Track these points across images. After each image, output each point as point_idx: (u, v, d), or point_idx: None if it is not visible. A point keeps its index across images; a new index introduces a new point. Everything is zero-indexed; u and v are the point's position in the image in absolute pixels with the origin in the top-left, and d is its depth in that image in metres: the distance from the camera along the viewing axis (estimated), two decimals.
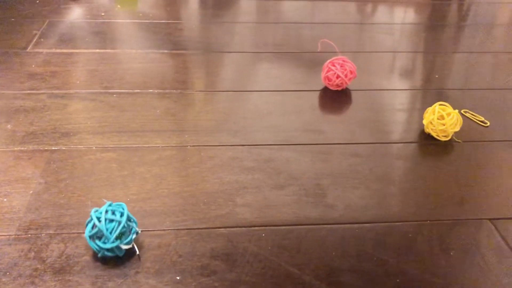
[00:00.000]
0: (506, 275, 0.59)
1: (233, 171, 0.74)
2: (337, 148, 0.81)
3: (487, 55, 1.19)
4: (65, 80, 0.95)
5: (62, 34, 1.15)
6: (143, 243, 0.60)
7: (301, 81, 1.01)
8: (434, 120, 0.81)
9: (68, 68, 1.00)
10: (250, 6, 1.43)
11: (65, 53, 1.06)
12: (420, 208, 0.69)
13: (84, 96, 0.90)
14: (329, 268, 0.59)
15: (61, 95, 0.90)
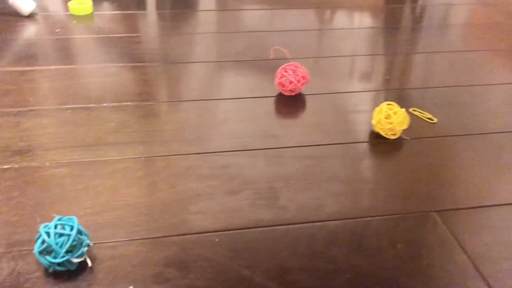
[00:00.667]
0: (451, 265, 0.62)
1: (188, 179, 0.75)
2: (290, 151, 0.83)
3: (440, 54, 1.24)
4: (18, 98, 0.94)
5: (16, 52, 1.14)
6: (96, 256, 0.61)
7: (257, 88, 1.03)
8: (381, 120, 0.84)
9: (22, 86, 0.99)
10: (210, 17, 1.45)
11: (19, 71, 1.05)
12: (369, 205, 0.71)
13: (38, 113, 0.90)
14: (281, 268, 0.60)
15: (14, 113, 0.90)
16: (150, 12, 1.46)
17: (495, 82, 1.10)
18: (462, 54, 1.25)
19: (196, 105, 0.95)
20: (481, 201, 0.73)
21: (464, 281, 0.60)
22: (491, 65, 1.19)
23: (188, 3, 1.55)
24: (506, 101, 1.02)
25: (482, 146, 0.86)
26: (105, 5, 1.48)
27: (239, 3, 1.57)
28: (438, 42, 1.33)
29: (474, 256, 0.63)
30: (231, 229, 0.66)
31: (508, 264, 0.62)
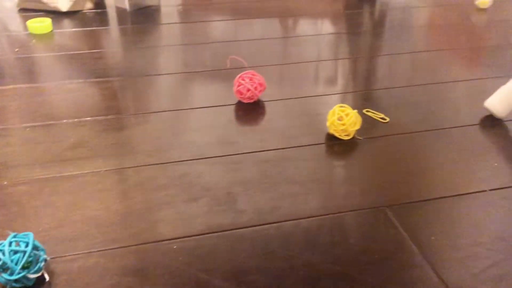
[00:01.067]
0: (401, 256, 0.65)
1: (147, 190, 0.76)
2: (248, 157, 0.85)
3: (400, 56, 1.28)
4: None
5: None
6: (54, 270, 0.61)
7: (218, 97, 1.05)
8: (334, 122, 0.87)
9: None
10: (173, 30, 1.47)
11: None
12: (323, 204, 0.74)
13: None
14: (238, 269, 0.62)
15: None
16: (112, 28, 1.47)
17: (452, 80, 1.15)
18: (421, 55, 1.30)
19: (156, 117, 0.97)
20: (430, 194, 0.76)
21: (413, 270, 0.62)
22: (449, 64, 1.24)
23: (150, 17, 1.57)
24: (461, 97, 1.07)
25: (433, 141, 0.90)
26: (66, 22, 1.49)
27: (203, 15, 1.60)
28: (398, 44, 1.38)
29: (423, 247, 0.66)
30: (189, 235, 0.67)
31: (454, 253, 0.65)
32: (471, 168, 0.83)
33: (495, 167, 0.83)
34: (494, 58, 1.29)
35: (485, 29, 1.52)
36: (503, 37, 1.44)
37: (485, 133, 0.93)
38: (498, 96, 0.96)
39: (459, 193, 0.77)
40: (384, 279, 0.61)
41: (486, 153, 0.87)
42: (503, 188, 0.78)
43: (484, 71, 1.20)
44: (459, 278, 0.61)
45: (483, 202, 0.75)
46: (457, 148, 0.88)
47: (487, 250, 0.66)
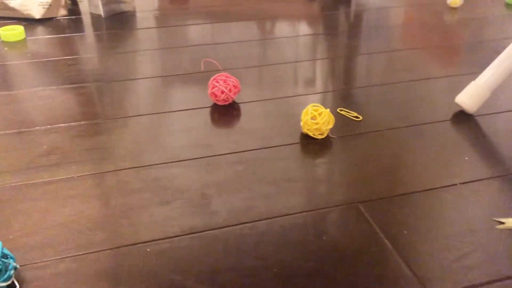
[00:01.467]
0: (374, 251, 0.65)
1: (120, 194, 0.76)
2: (222, 159, 0.85)
3: (376, 55, 1.30)
4: None
5: None
6: (25, 277, 0.61)
7: (193, 100, 1.05)
8: (308, 121, 0.88)
9: None
10: (149, 34, 1.46)
11: None
12: (297, 202, 0.74)
13: None
14: (211, 270, 0.62)
15: None
16: (87, 34, 1.47)
17: (426, 77, 1.17)
18: (396, 53, 1.32)
19: (131, 122, 0.97)
20: (402, 190, 0.77)
21: (386, 264, 0.63)
22: (423, 62, 1.26)
23: (126, 23, 1.56)
24: (434, 94, 1.08)
25: (405, 138, 0.92)
26: (39, 30, 1.48)
27: (179, 20, 1.60)
28: (374, 43, 1.39)
29: (395, 241, 0.67)
30: (163, 238, 0.67)
31: (425, 246, 0.66)
32: (442, 162, 0.84)
33: (466, 161, 0.85)
34: (466, 55, 1.32)
35: (457, 27, 1.55)
36: (474, 35, 1.47)
37: (457, 129, 0.95)
38: (467, 92, 0.98)
39: (431, 187, 0.78)
40: (357, 273, 0.62)
41: (457, 148, 0.88)
42: (473, 182, 0.79)
43: (457, 68, 1.22)
44: (430, 270, 0.62)
45: (454, 196, 0.76)
46: (429, 143, 0.90)
47: (457, 242, 0.67)
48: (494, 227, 0.69)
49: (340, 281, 0.61)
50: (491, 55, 1.00)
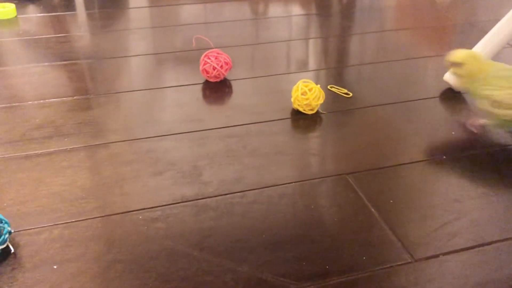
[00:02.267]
0: (360, 219, 0.67)
1: (113, 165, 0.77)
2: (214, 133, 0.86)
3: (370, 35, 1.31)
4: None
5: None
6: (19, 242, 0.62)
7: (185, 76, 1.06)
8: (298, 96, 0.89)
9: None
10: (141, 14, 1.46)
11: None
12: (287, 174, 0.76)
13: None
14: (201, 236, 0.64)
15: None
16: (79, 13, 1.46)
17: (417, 56, 1.18)
18: (388, 34, 1.33)
19: (124, 97, 0.97)
20: (389, 162, 0.79)
21: (372, 231, 0.65)
22: (414, 42, 1.27)
23: (118, 1, 1.56)
24: (424, 72, 1.10)
25: (394, 114, 0.93)
26: (31, 8, 1.47)
27: None
28: (366, 24, 1.40)
29: (382, 210, 0.69)
30: (155, 206, 0.69)
31: (411, 214, 0.68)
32: (429, 137, 0.86)
33: (452, 136, 0.86)
34: (457, 36, 1.33)
35: (449, 9, 1.56)
36: (466, 16, 1.48)
37: (444, 105, 0.97)
38: None
39: (417, 160, 0.80)
40: (344, 239, 0.64)
41: (444, 123, 0.90)
42: (459, 155, 0.81)
43: (447, 48, 1.24)
44: (415, 236, 0.64)
45: (440, 168, 0.78)
46: (417, 119, 0.91)
47: (441, 211, 0.69)
48: (476, 197, 0.71)
49: (327, 246, 0.62)
50: (481, 36, 1.02)
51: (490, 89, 0.79)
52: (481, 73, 0.81)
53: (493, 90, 0.79)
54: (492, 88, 0.79)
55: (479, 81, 0.81)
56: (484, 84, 0.80)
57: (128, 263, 0.59)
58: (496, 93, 0.78)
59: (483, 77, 0.80)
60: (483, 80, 0.80)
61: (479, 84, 0.81)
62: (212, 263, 0.60)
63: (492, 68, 0.81)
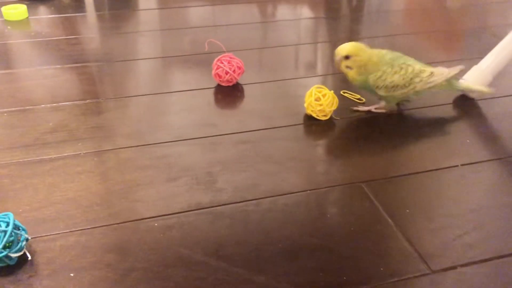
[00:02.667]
0: (377, 229, 0.67)
1: (126, 171, 0.77)
2: (227, 138, 0.86)
3: (379, 39, 1.30)
4: None
5: None
6: (36, 249, 0.62)
7: (197, 80, 1.06)
8: (312, 102, 0.89)
9: None
10: (151, 16, 1.46)
11: None
12: (302, 181, 0.75)
13: None
14: (217, 244, 0.63)
15: None
16: (89, 14, 1.46)
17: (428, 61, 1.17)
18: (398, 38, 1.32)
19: (135, 101, 0.97)
20: (405, 170, 0.79)
21: (388, 241, 0.65)
22: (425, 46, 1.27)
23: (128, 3, 1.56)
24: None
25: (407, 120, 0.93)
26: (42, 9, 1.47)
27: (181, 1, 1.59)
28: (376, 28, 1.40)
29: (398, 219, 0.68)
30: (170, 213, 0.68)
31: (427, 224, 0.68)
32: (444, 144, 0.85)
33: (467, 144, 0.86)
34: (469, 40, 1.32)
35: (460, 12, 1.55)
36: (477, 20, 1.47)
37: (458, 112, 0.96)
38: (470, 76, 0.99)
39: (433, 168, 0.79)
40: (361, 249, 0.63)
41: (459, 131, 0.90)
42: (474, 163, 0.81)
43: (459, 53, 1.23)
44: (432, 247, 0.64)
45: (456, 177, 0.77)
46: (431, 126, 0.91)
47: (459, 221, 0.68)
48: (495, 207, 0.71)
49: (344, 256, 0.62)
50: (493, 41, 1.01)
51: (384, 77, 0.86)
52: (369, 61, 0.87)
53: (387, 77, 0.86)
54: (386, 76, 0.86)
55: (371, 72, 0.87)
56: (379, 76, 0.87)
57: (145, 272, 0.59)
58: (389, 79, 0.86)
59: (374, 68, 0.87)
60: (375, 71, 0.87)
61: (373, 77, 0.87)
62: (229, 272, 0.59)
63: (377, 55, 0.88)
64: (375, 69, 0.87)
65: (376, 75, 0.87)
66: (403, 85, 0.87)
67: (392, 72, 0.87)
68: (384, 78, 0.86)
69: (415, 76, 0.88)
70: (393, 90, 0.88)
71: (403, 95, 0.90)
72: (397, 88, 0.87)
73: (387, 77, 0.86)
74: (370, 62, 0.87)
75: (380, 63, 0.87)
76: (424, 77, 0.88)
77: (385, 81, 0.86)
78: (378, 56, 0.88)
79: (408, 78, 0.87)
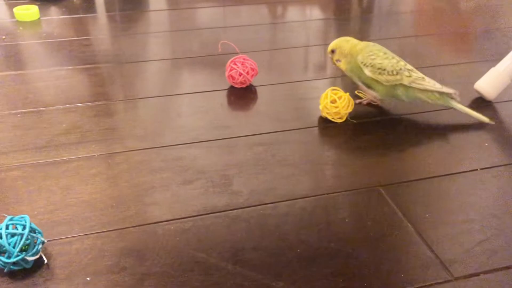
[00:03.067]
0: (395, 233, 0.66)
1: (141, 173, 0.76)
2: (242, 140, 0.85)
3: (390, 40, 1.29)
4: None
5: None
6: (52, 252, 0.61)
7: (209, 82, 1.05)
8: (327, 104, 0.88)
9: None
10: (161, 16, 1.45)
11: None
12: (318, 184, 0.74)
13: None
14: (234, 249, 0.63)
15: None
16: (99, 15, 1.46)
17: (441, 64, 1.16)
18: (409, 40, 1.31)
19: (149, 102, 0.97)
20: (423, 174, 0.77)
21: (408, 247, 0.64)
22: (437, 48, 1.25)
23: (138, 4, 1.55)
24: (450, 80, 1.08)
25: (424, 123, 0.91)
26: (53, 10, 1.47)
27: (191, 1, 1.58)
28: (386, 29, 1.38)
29: (417, 224, 0.67)
30: (186, 216, 0.68)
31: (448, 228, 0.67)
32: (462, 148, 0.84)
33: (485, 147, 0.84)
34: (482, 42, 1.30)
35: (473, 14, 1.53)
36: (491, 21, 1.45)
37: None
38: (487, 78, 0.98)
39: (452, 172, 0.78)
40: (380, 255, 0.62)
41: (476, 134, 0.88)
42: (494, 167, 0.79)
43: (472, 55, 1.22)
44: (452, 253, 0.63)
45: (475, 181, 0.76)
46: (448, 129, 0.90)
47: (480, 227, 0.67)
48: None
49: (363, 262, 0.61)
50: (508, 42, 1.00)
51: (374, 57, 0.87)
52: (354, 48, 0.90)
53: (377, 58, 0.87)
54: (376, 57, 0.88)
55: (360, 53, 0.89)
56: (367, 53, 0.88)
57: (162, 276, 0.58)
58: (378, 60, 0.87)
59: (363, 49, 0.89)
60: (365, 51, 0.89)
61: (362, 54, 0.88)
62: (246, 277, 0.58)
63: (363, 43, 0.90)
64: (360, 51, 0.89)
65: (365, 54, 0.88)
66: (390, 72, 0.87)
67: (384, 57, 0.87)
68: (374, 58, 0.87)
69: (405, 70, 0.87)
70: (379, 73, 0.87)
71: (389, 83, 0.88)
72: (384, 72, 0.87)
73: (376, 58, 0.87)
74: (354, 49, 0.90)
75: (367, 48, 0.89)
76: (414, 76, 0.88)
77: (374, 61, 0.87)
78: (365, 44, 0.90)
79: (398, 67, 0.87)
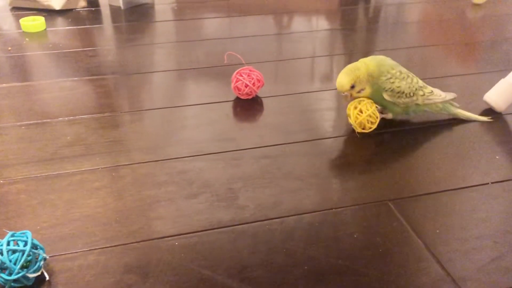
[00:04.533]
0: (405, 250, 0.64)
1: (146, 187, 0.75)
2: (247, 153, 0.84)
3: (396, 51, 1.28)
4: None
5: None
6: (54, 268, 0.60)
7: (215, 93, 1.04)
8: (368, 114, 0.86)
9: None
10: (167, 27, 1.45)
11: None
12: (326, 198, 0.73)
13: None
14: (240, 265, 0.61)
15: None
16: (106, 26, 1.46)
17: (449, 75, 1.15)
18: (416, 50, 1.30)
19: (154, 114, 0.96)
20: (433, 188, 0.76)
21: (418, 263, 0.62)
22: (444, 59, 1.24)
23: (144, 15, 1.56)
24: (458, 92, 1.06)
25: (434, 136, 0.90)
26: (59, 21, 1.47)
27: (197, 13, 1.58)
28: (393, 39, 1.37)
29: (427, 240, 0.66)
30: (191, 232, 0.66)
31: (458, 244, 0.65)
32: (472, 161, 0.82)
33: (496, 160, 0.83)
34: (490, 53, 1.29)
35: (481, 24, 1.52)
36: (499, 32, 1.44)
37: (485, 127, 0.93)
38: (497, 89, 0.96)
39: (462, 186, 0.76)
40: (389, 272, 0.60)
41: (487, 147, 0.87)
42: (506, 181, 0.77)
43: (480, 66, 1.20)
44: (464, 270, 0.61)
45: (486, 195, 0.74)
46: (458, 142, 0.88)
47: (492, 243, 0.65)
48: None
49: (373, 279, 0.59)
50: None
51: (393, 80, 0.85)
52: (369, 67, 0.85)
53: (396, 81, 0.85)
54: (394, 80, 0.85)
55: (381, 75, 0.85)
56: (388, 78, 0.85)
57: None
58: (397, 84, 0.85)
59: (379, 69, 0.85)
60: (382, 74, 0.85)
61: (383, 78, 0.85)
62: None
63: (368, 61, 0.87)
64: (378, 71, 0.85)
65: (386, 76, 0.85)
66: (407, 94, 0.86)
67: (400, 78, 0.86)
68: (393, 81, 0.85)
69: (419, 89, 0.88)
70: (397, 97, 0.86)
71: (404, 105, 0.88)
72: (402, 95, 0.86)
73: (395, 81, 0.85)
74: (369, 70, 0.85)
75: (382, 67, 0.86)
76: (426, 92, 0.89)
77: (393, 84, 0.85)
78: (376, 62, 0.86)
79: (414, 88, 0.87)
